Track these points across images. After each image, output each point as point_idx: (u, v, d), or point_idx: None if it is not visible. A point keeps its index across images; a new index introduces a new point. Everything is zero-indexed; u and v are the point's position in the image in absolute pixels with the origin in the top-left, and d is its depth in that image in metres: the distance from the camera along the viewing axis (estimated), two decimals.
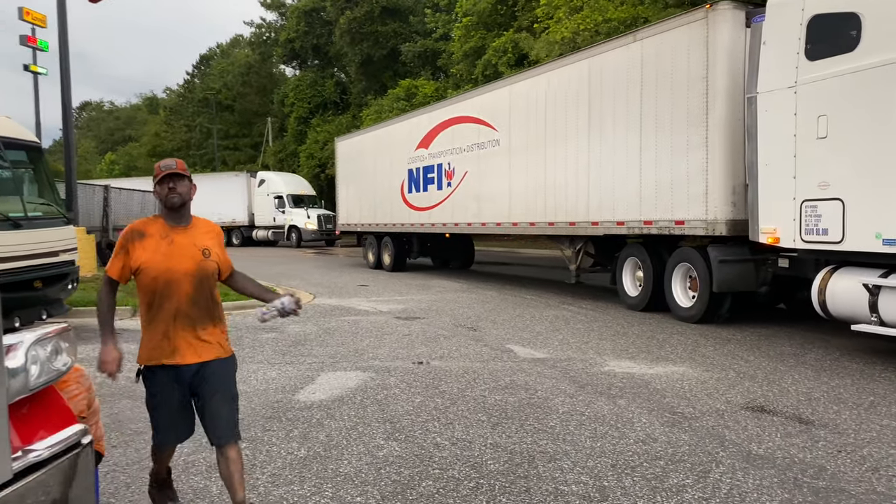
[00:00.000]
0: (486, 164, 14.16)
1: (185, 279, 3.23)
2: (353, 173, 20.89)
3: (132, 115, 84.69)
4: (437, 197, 16.11)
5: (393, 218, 18.13)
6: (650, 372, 6.53)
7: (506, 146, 13.45)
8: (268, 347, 7.91)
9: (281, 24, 55.36)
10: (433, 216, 16.28)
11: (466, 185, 14.94)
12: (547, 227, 12.28)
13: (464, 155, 15.02)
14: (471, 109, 14.84)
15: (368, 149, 19.92)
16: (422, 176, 16.82)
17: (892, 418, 4.99)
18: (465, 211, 15.03)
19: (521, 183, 12.90)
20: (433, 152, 16.30)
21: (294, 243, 33.08)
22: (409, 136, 17.48)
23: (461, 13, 30.74)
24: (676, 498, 3.66)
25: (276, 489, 3.86)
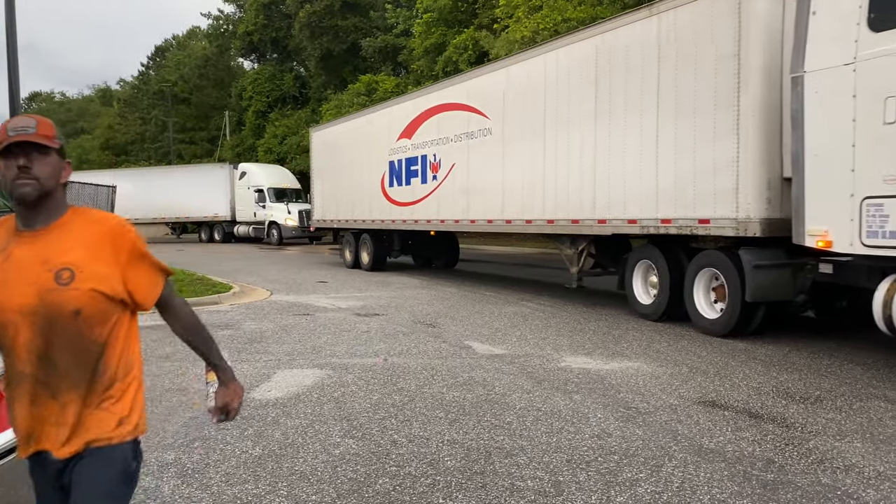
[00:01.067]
0: (476, 156, 12.94)
1: (22, 322, 1.91)
2: (330, 166, 19.69)
3: (84, 107, 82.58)
4: (421, 191, 14.86)
5: (372, 214, 16.91)
6: (606, 367, 6.61)
7: (499, 135, 12.22)
8: (223, 345, 7.73)
9: (239, 16, 54.53)
10: (416, 212, 15.05)
11: (454, 178, 13.69)
12: (545, 224, 11.10)
13: (451, 146, 13.75)
14: (459, 95, 13.52)
15: (345, 139, 18.71)
16: (404, 168, 15.57)
17: (836, 412, 5.15)
18: (452, 206, 13.78)
19: (517, 176, 11.69)
20: (417, 143, 15.02)
21: (275, 240, 31.03)
22: (390, 125, 16.21)
23: (422, 9, 30.68)
24: (630, 492, 3.72)
25: (230, 488, 3.81)
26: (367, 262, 17.39)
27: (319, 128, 20.98)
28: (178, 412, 5.19)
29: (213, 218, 34.26)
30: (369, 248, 17.28)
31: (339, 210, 18.91)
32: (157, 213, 35.41)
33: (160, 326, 8.78)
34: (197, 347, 2.48)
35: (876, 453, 4.27)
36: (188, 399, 5.54)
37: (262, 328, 8.88)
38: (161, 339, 8.12)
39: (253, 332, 8.63)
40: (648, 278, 9.49)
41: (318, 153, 20.47)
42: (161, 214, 35.63)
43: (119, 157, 62.21)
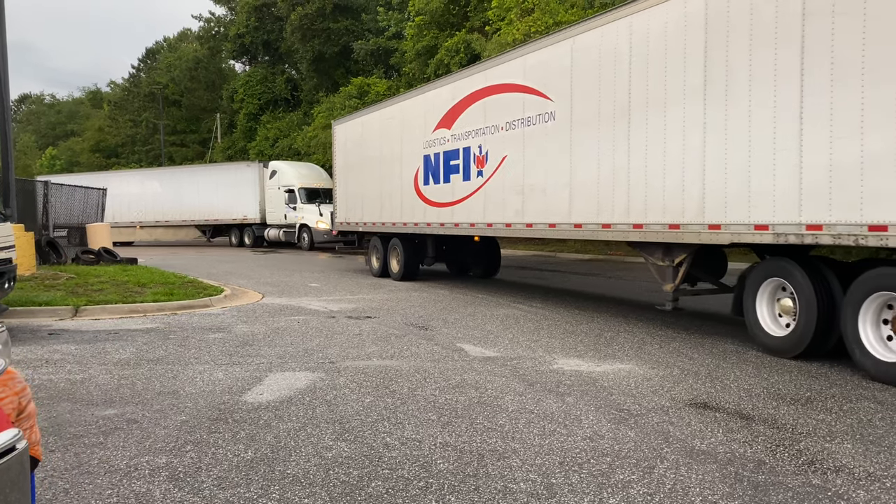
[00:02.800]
0: (534, 146, 10.77)
1: None
2: (355, 162, 17.61)
3: (74, 109, 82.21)
4: (462, 190, 12.84)
5: (404, 216, 14.98)
6: (598, 370, 6.63)
7: (565, 120, 10.01)
8: (214, 348, 7.77)
9: (230, 18, 54.49)
10: (457, 214, 13.02)
11: (504, 173, 11.59)
12: (630, 230, 8.88)
13: (501, 135, 11.60)
14: (512, 74, 11.34)
15: (373, 131, 16.57)
16: (442, 163, 13.50)
17: (827, 413, 5.18)
18: (502, 207, 11.71)
19: (590, 169, 9.55)
20: (458, 133, 12.95)
21: (306, 245, 28.31)
22: (425, 114, 14.11)
23: (413, 12, 30.73)
24: (622, 493, 3.73)
25: (222, 492, 3.80)
26: (396, 270, 15.51)
27: (343, 119, 18.94)
28: (169, 415, 5.17)
29: (242, 220, 32.19)
30: (400, 255, 15.34)
31: (365, 211, 17.00)
32: (186, 216, 34.13)
33: (151, 330, 8.78)
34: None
35: (866, 454, 4.30)
36: (180, 402, 5.52)
37: (253, 331, 8.86)
38: (152, 342, 8.09)
39: (244, 334, 8.61)
40: (778, 301, 7.47)
41: (342, 148, 18.45)
42: (191, 217, 34.14)
43: (109, 159, 61.98)
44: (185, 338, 8.37)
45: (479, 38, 25.14)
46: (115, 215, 34.96)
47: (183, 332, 8.81)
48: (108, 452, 4.40)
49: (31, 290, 11.52)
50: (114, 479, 3.97)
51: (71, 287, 12.03)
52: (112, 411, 5.30)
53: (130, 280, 13.26)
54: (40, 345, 7.98)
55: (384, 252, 15.98)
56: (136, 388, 5.98)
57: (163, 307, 10.76)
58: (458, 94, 12.98)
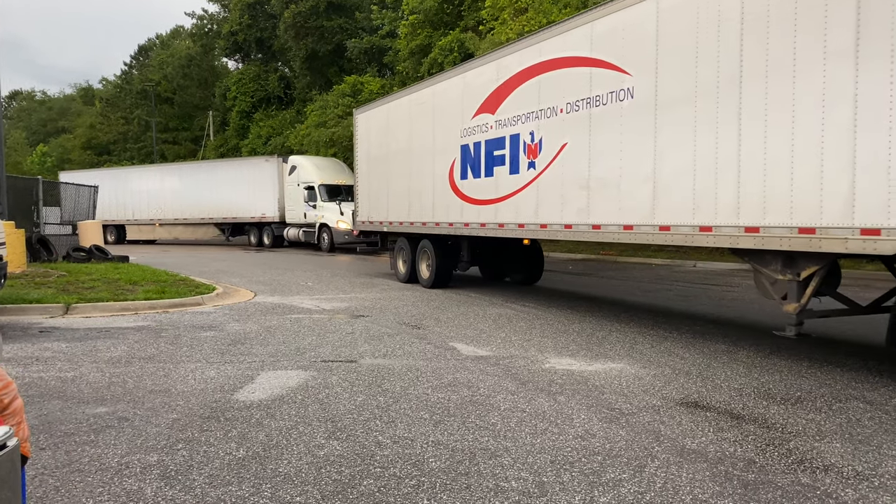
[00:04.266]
0: (604, 130, 8.89)
1: None
2: (379, 155, 15.86)
3: (66, 106, 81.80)
4: (509, 184, 11.01)
5: (436, 214, 13.23)
6: (589, 369, 6.65)
7: (647, 98, 8.17)
8: (206, 346, 7.75)
9: (224, 16, 54.32)
10: (502, 212, 11.24)
11: (564, 164, 9.68)
12: (741, 235, 6.99)
13: (560, 119, 9.72)
14: (575, 46, 9.44)
15: (400, 120, 14.81)
16: (484, 154, 11.74)
17: (816, 412, 5.21)
18: (560, 205, 9.79)
19: (682, 157, 7.69)
20: (504, 118, 11.12)
21: (326, 246, 26.49)
22: (462, 97, 12.39)
23: (407, 11, 30.70)
24: (613, 492, 3.75)
25: (214, 490, 3.79)
26: (427, 276, 13.79)
27: (365, 107, 17.15)
28: (161, 413, 5.16)
29: (260, 219, 30.46)
30: (430, 259, 13.61)
31: (390, 210, 15.26)
32: (204, 213, 32.70)
33: (143, 328, 8.75)
34: None
35: (855, 453, 4.33)
36: (171, 401, 5.51)
37: (245, 329, 8.84)
38: (144, 340, 8.07)
39: (237, 333, 8.59)
40: None
41: (364, 139, 16.80)
42: (209, 214, 32.62)
43: (101, 156, 61.69)
44: (177, 336, 8.35)
45: (473, 38, 25.14)
46: (135, 212, 34.70)
47: (175, 330, 8.79)
48: (100, 450, 4.39)
49: (22, 287, 11.46)
50: (105, 477, 3.96)
51: (62, 284, 11.98)
52: (103, 409, 5.28)
53: (122, 278, 13.21)
54: (31, 342, 7.95)
55: (412, 255, 14.37)
56: (127, 387, 5.97)
57: (154, 305, 10.72)
58: (504, 72, 11.09)
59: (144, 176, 35.52)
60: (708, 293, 12.85)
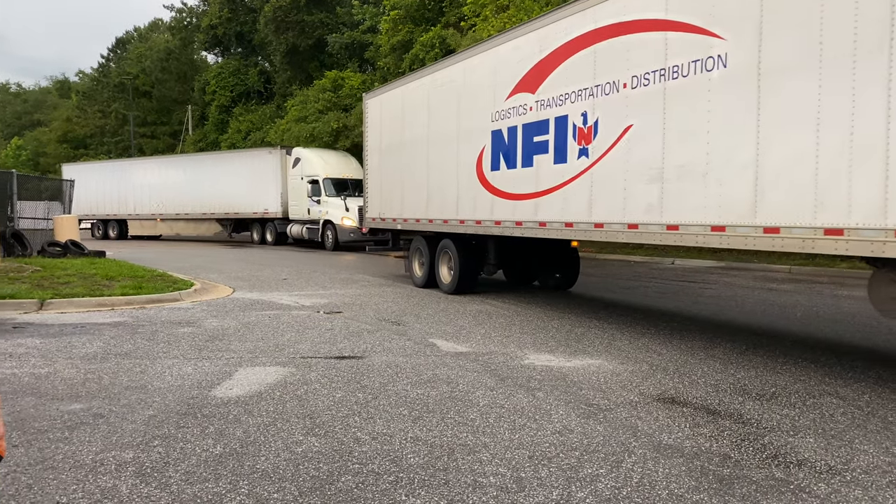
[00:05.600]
0: (684, 108, 7.26)
1: None
2: (393, 144, 14.23)
3: (41, 99, 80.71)
4: (553, 175, 9.32)
5: (460, 211, 11.68)
6: (568, 365, 6.68)
7: (747, 66, 6.52)
8: (184, 342, 7.68)
9: (203, 9, 53.81)
10: (543, 209, 9.55)
11: (629, 150, 8.02)
12: (888, 240, 5.47)
13: (623, 96, 8.07)
14: (644, 7, 7.82)
15: (418, 105, 13.15)
16: (521, 140, 10.07)
17: (791, 408, 5.28)
18: (622, 200, 8.13)
19: (799, 140, 6.09)
20: (547, 98, 9.43)
21: (330, 244, 24.85)
22: (494, 75, 10.71)
23: (389, 6, 30.61)
24: (590, 487, 3.77)
25: (190, 487, 3.76)
26: (448, 280, 12.32)
27: (377, 91, 15.39)
28: (137, 410, 5.11)
29: (263, 214, 28.67)
30: (453, 261, 12.10)
31: (405, 205, 13.67)
32: (206, 208, 30.93)
33: (119, 324, 8.66)
34: None
35: (827, 448, 4.39)
36: (147, 397, 5.46)
37: (224, 325, 8.78)
38: (120, 336, 7.99)
39: (214, 329, 8.53)
40: None
41: (375, 127, 15.11)
42: (210, 209, 30.79)
43: (77, 150, 60.95)
44: (154, 332, 8.27)
45: (455, 34, 25.13)
46: (136, 207, 33.51)
47: (151, 326, 8.70)
48: (74, 447, 4.33)
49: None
50: (79, 475, 3.92)
51: (36, 280, 11.81)
52: (78, 406, 5.22)
53: (98, 273, 13.05)
54: (4, 338, 7.83)
55: (430, 257, 12.80)
56: (102, 383, 5.90)
57: (131, 301, 10.61)
58: (548, 43, 9.40)
59: (146, 168, 34.28)
60: (686, 290, 12.97)
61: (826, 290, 13.08)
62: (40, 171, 55.64)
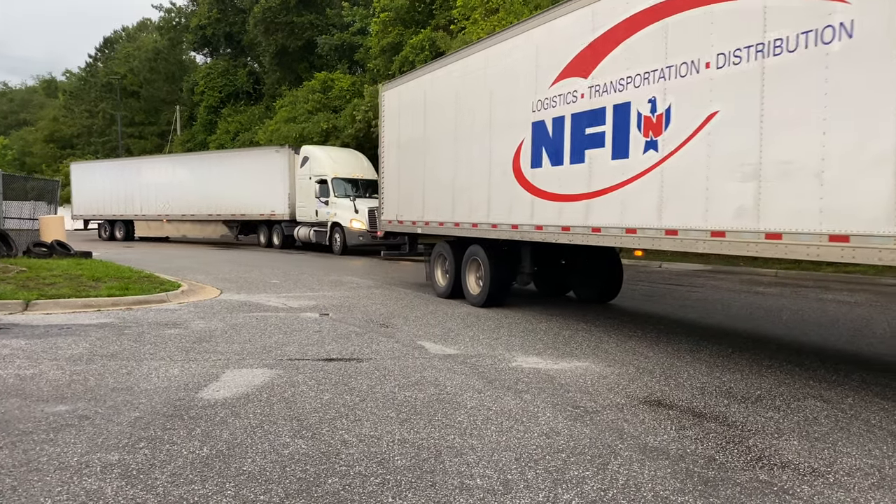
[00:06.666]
0: (790, 91, 5.99)
1: None
2: (413, 139, 12.94)
3: (28, 98, 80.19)
4: (610, 173, 8.06)
5: (493, 213, 10.41)
6: (555, 367, 6.71)
7: (880, 36, 5.34)
8: (171, 344, 7.65)
9: (192, 9, 53.64)
10: (597, 212, 8.29)
11: (712, 143, 6.73)
12: None
13: (706, 78, 6.79)
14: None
15: (444, 95, 11.90)
16: (569, 132, 8.79)
17: (775, 411, 5.32)
18: (703, 202, 6.83)
19: None
20: (603, 83, 8.16)
21: (338, 248, 23.64)
22: (536, 59, 9.41)
23: (378, 8, 30.63)
24: (577, 489, 3.79)
25: (177, 489, 3.75)
26: (477, 291, 11.05)
27: (396, 82, 14.03)
28: (123, 412, 5.08)
29: (270, 216, 27.31)
30: (483, 270, 10.87)
31: (426, 206, 12.45)
32: (212, 209, 29.68)
33: (105, 325, 8.61)
34: None
35: (811, 451, 4.44)
36: (134, 399, 5.43)
37: (210, 327, 8.74)
38: (106, 337, 7.94)
39: (201, 330, 8.50)
40: None
41: (393, 121, 13.83)
42: (216, 210, 29.51)
43: (64, 150, 60.57)
44: (140, 333, 8.23)
45: (444, 37, 25.17)
46: (143, 207, 32.52)
47: (138, 327, 8.66)
48: (59, 449, 4.31)
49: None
50: (64, 477, 3.90)
51: (22, 280, 11.72)
52: (63, 407, 5.19)
53: (84, 274, 12.97)
54: None
55: (456, 264, 11.65)
56: (88, 385, 5.87)
57: (117, 302, 10.55)
58: (603, 20, 8.18)
59: (153, 167, 33.23)
60: (673, 293, 13.04)
61: (811, 293, 13.19)
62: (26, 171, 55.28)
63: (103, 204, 34.15)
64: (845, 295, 12.99)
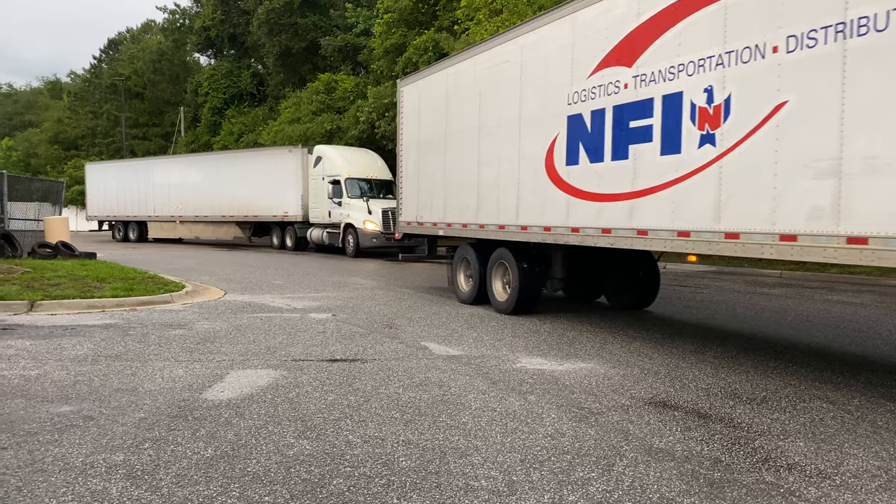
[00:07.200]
0: (875, 78, 5.34)
1: None
2: (434, 137, 12.34)
3: (33, 100, 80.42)
4: (658, 170, 7.37)
5: (522, 214, 9.79)
6: (560, 368, 6.69)
7: None
8: (175, 345, 7.65)
9: (196, 11, 53.76)
10: (642, 212, 7.62)
11: (780, 136, 6.03)
12: None
13: (773, 63, 6.07)
14: None
15: (468, 88, 11.23)
16: (610, 126, 8.11)
17: (781, 412, 5.30)
18: (770, 201, 6.13)
19: None
20: (650, 71, 7.48)
21: (351, 251, 23.09)
22: (572, 48, 8.73)
23: (382, 9, 30.64)
24: (582, 491, 3.77)
25: (181, 490, 3.75)
26: (503, 297, 10.45)
27: (415, 77, 13.38)
28: (127, 412, 5.08)
29: (283, 218, 26.70)
30: (511, 275, 10.22)
31: (448, 207, 11.84)
32: (224, 210, 29.22)
33: (110, 326, 8.61)
34: None
35: (818, 452, 4.42)
36: (138, 399, 5.43)
37: (215, 328, 8.75)
38: (111, 338, 7.95)
39: (206, 331, 8.50)
40: None
41: (412, 118, 13.16)
42: (229, 212, 29.06)
43: (69, 151, 60.75)
44: (145, 334, 8.23)
45: (448, 38, 25.17)
46: (156, 208, 32.28)
47: (142, 328, 8.67)
48: (64, 450, 4.31)
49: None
50: (69, 477, 3.90)
51: (26, 281, 11.75)
52: (68, 408, 5.19)
53: (89, 275, 12.99)
54: None
55: (481, 269, 10.99)
56: (93, 385, 5.87)
57: (122, 303, 10.56)
58: (650, 3, 7.51)
59: (167, 168, 32.88)
60: (677, 295, 13.01)
61: (817, 294, 13.15)
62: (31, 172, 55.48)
63: (117, 205, 34.06)
64: (851, 296, 12.94)
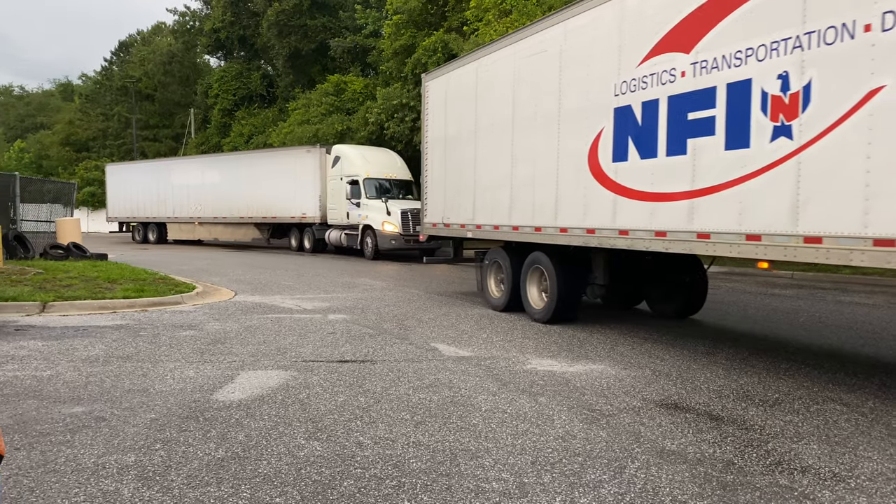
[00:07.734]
0: None
1: None
2: (461, 133, 11.63)
3: (44, 102, 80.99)
4: (722, 166, 6.59)
5: (561, 216, 9.03)
6: (571, 370, 6.67)
7: None
8: (186, 345, 7.68)
9: (206, 13, 54.01)
10: (703, 213, 6.84)
11: (874, 127, 5.23)
12: None
13: (862, 44, 5.28)
14: None
15: (500, 80, 10.47)
16: (665, 118, 7.32)
17: (794, 414, 5.26)
18: (861, 201, 5.33)
19: None
20: (711, 57, 6.70)
21: (370, 253, 22.45)
22: (619, 34, 7.97)
23: (391, 11, 30.66)
24: (593, 493, 3.75)
25: (192, 491, 3.75)
26: (540, 304, 9.72)
27: (442, 70, 12.59)
28: (139, 413, 5.10)
29: (301, 219, 26.01)
30: (548, 280, 9.46)
31: (478, 208, 11.15)
32: (243, 212, 28.66)
33: (121, 326, 8.64)
34: None
35: (832, 455, 4.38)
36: (149, 400, 5.45)
37: (225, 329, 8.77)
38: (122, 339, 7.98)
39: (216, 332, 8.52)
40: None
41: (438, 113, 12.46)
42: (247, 213, 28.48)
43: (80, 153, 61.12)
44: (156, 335, 8.26)
45: (457, 39, 25.16)
46: (175, 209, 31.99)
47: (153, 329, 8.70)
48: (76, 450, 4.33)
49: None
50: (81, 478, 3.91)
51: (39, 282, 11.82)
52: (80, 409, 5.21)
53: (100, 276, 13.06)
54: (6, 341, 7.83)
55: (514, 274, 10.31)
56: (104, 386, 5.89)
57: (133, 304, 10.61)
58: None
59: (185, 168, 32.49)
60: None
61: (829, 295, 13.06)
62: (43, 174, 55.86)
63: (136, 206, 33.92)
64: (864, 297, 12.85)
